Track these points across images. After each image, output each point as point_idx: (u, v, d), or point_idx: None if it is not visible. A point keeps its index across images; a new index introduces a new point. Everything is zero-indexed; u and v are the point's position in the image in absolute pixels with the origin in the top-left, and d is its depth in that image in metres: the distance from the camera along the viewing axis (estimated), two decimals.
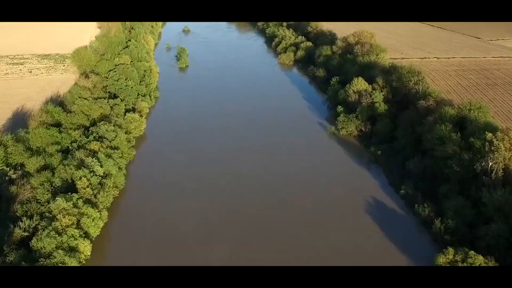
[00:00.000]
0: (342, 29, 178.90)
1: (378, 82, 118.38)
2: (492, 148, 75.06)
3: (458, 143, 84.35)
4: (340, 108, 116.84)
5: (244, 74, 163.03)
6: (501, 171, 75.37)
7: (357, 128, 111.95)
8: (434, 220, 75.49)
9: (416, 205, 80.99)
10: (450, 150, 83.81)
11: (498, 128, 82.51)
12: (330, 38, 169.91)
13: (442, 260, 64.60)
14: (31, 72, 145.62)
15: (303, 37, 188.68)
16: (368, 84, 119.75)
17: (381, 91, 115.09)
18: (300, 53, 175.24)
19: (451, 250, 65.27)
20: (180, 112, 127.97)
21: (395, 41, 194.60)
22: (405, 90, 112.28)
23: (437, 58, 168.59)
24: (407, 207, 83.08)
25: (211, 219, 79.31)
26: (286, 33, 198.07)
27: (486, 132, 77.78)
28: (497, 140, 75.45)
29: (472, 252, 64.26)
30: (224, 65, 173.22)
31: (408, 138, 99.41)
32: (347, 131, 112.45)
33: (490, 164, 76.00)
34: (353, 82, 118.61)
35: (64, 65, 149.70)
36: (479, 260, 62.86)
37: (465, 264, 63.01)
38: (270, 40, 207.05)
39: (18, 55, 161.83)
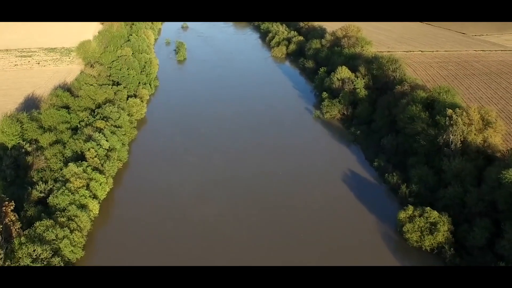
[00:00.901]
0: (332, 24, 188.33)
1: (360, 71, 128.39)
2: (452, 122, 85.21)
3: (426, 121, 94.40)
4: (325, 94, 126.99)
5: (239, 66, 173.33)
6: (460, 142, 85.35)
7: (339, 111, 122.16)
8: (400, 186, 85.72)
9: (386, 174, 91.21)
10: (419, 127, 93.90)
11: (460, 106, 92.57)
12: (320, 33, 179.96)
13: (402, 215, 74.66)
14: (39, 63, 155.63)
15: (295, 32, 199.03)
16: (352, 73, 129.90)
17: (363, 79, 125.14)
18: (292, 46, 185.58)
19: (410, 207, 75.39)
20: (178, 99, 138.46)
21: (384, 37, 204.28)
22: (385, 77, 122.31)
23: (421, 51, 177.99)
24: (379, 177, 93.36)
25: (204, 183, 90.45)
26: (279, 28, 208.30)
27: (447, 108, 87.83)
28: (456, 116, 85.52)
29: (428, 208, 74.44)
30: (220, 58, 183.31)
31: (384, 119, 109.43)
32: (331, 115, 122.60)
33: (451, 137, 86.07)
34: (337, 70, 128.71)
35: (69, 58, 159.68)
36: (434, 214, 72.94)
37: (422, 219, 73.04)
38: (264, 35, 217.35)
39: (25, 49, 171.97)
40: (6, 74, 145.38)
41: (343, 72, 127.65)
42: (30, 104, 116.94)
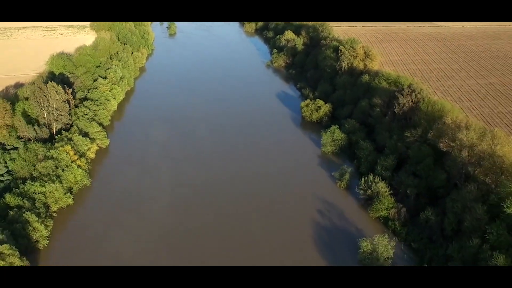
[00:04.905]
0: None
1: (302, 34, 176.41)
2: (341, 54, 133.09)
3: (333, 59, 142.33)
4: (275, 51, 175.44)
5: (216, 36, 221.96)
6: (347, 67, 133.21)
7: (284, 61, 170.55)
8: (309, 94, 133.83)
9: (303, 89, 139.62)
10: (328, 62, 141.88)
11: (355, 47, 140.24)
12: None
13: (303, 104, 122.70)
14: (62, 34, 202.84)
15: None
16: (297, 36, 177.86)
17: (303, 39, 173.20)
18: (260, 23, 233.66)
19: (308, 100, 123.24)
20: (167, 56, 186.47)
21: None
22: (317, 37, 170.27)
23: (363, 26, 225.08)
24: (301, 94, 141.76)
25: (192, 99, 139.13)
26: None
27: (339, 45, 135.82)
28: (344, 49, 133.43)
29: (318, 99, 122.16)
30: (202, 31, 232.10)
31: (312, 63, 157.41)
32: (278, 64, 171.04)
33: (342, 64, 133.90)
34: (284, 33, 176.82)
35: (85, 31, 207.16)
36: (320, 102, 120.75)
37: (313, 105, 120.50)
38: None
39: (49, 26, 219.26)
40: (39, 41, 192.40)
41: (289, 34, 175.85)
42: None
